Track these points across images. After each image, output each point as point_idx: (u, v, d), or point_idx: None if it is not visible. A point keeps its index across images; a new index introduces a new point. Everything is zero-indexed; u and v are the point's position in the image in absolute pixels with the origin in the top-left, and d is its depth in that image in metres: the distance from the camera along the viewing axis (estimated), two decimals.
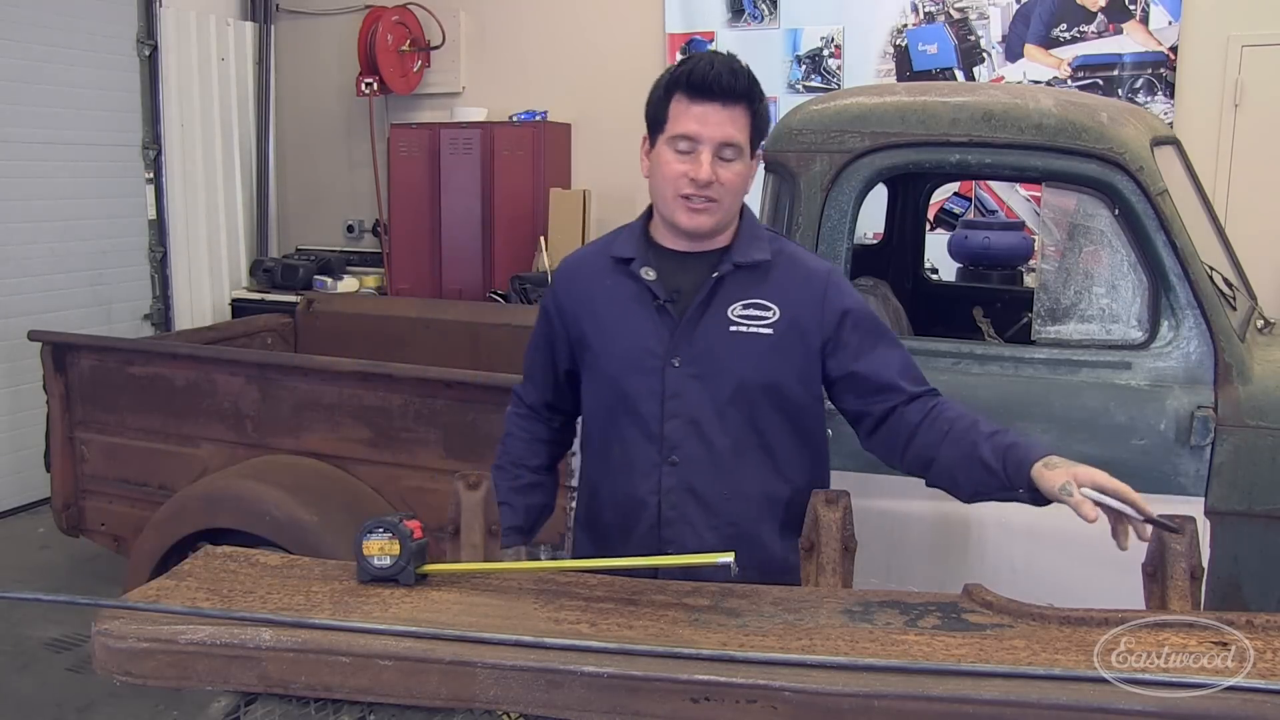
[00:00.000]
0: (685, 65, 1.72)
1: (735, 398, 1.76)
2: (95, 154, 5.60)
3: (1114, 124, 2.37)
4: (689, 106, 1.70)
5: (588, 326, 1.84)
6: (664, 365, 1.76)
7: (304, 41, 6.64)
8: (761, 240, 1.82)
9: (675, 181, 1.72)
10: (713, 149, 1.69)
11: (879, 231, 3.93)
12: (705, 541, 1.77)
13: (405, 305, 4.75)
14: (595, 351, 1.83)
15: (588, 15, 5.91)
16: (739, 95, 1.69)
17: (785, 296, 1.78)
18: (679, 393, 1.76)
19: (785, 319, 1.77)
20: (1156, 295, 2.34)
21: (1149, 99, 4.86)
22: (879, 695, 1.26)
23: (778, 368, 1.78)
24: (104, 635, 1.43)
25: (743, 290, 1.77)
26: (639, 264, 1.80)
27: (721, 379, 1.76)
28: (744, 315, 1.76)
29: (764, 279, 1.79)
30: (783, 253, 1.83)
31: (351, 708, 1.39)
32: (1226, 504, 2.26)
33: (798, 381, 1.80)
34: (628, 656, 1.33)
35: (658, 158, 1.76)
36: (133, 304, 5.88)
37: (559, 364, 1.93)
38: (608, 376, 1.82)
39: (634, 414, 1.79)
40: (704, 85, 1.68)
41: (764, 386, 1.77)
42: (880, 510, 2.40)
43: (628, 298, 1.80)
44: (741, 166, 1.73)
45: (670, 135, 1.73)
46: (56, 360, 3.53)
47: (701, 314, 1.77)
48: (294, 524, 2.92)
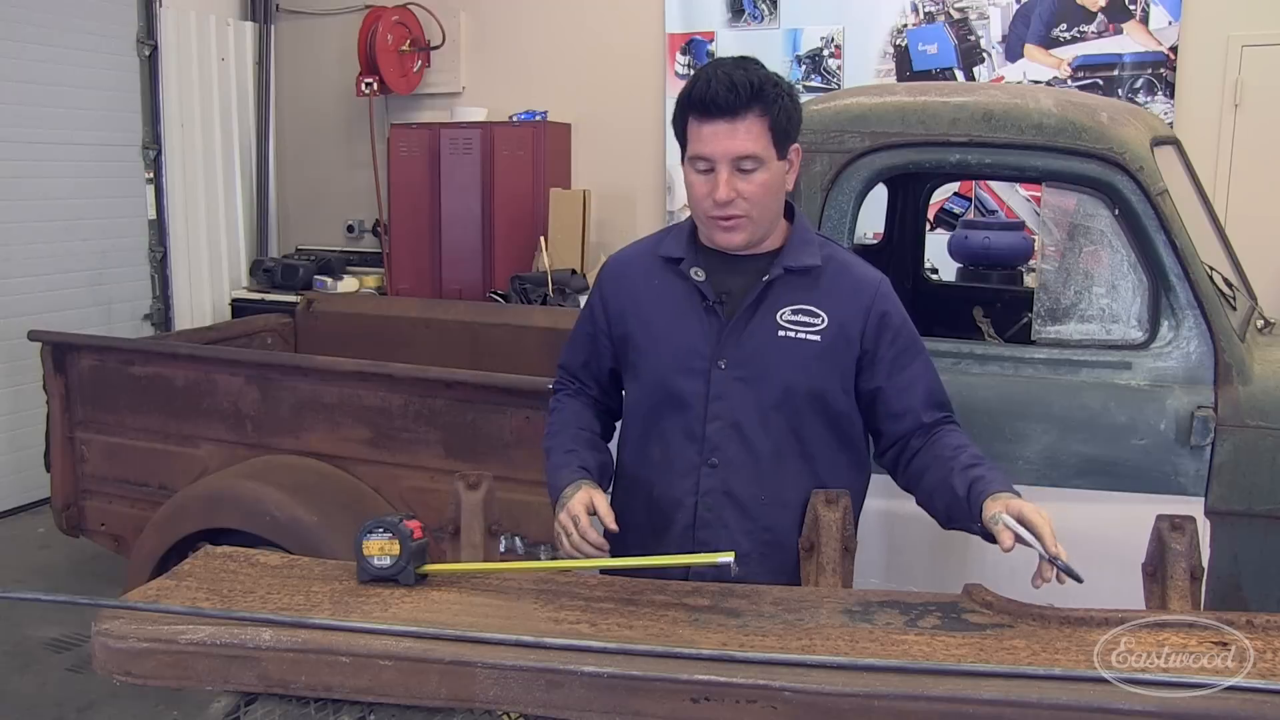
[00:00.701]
0: (690, 85, 1.72)
1: (780, 403, 1.76)
2: (95, 154, 5.60)
3: (1114, 124, 2.37)
4: (700, 127, 1.71)
5: (633, 325, 1.84)
6: (710, 367, 1.76)
7: (304, 41, 6.64)
8: (812, 245, 1.81)
9: (701, 202, 1.74)
10: (728, 166, 1.69)
11: (879, 231, 3.93)
12: (740, 546, 1.75)
13: (405, 305, 4.75)
14: (641, 350, 1.83)
15: (588, 15, 5.91)
16: (743, 105, 1.67)
17: (834, 304, 1.78)
18: (723, 395, 1.76)
19: (834, 327, 1.77)
20: (1156, 295, 2.34)
21: (1149, 99, 4.86)
22: (879, 695, 1.26)
23: (824, 375, 1.78)
24: (104, 635, 1.43)
25: (792, 295, 1.77)
26: (688, 264, 1.80)
27: (767, 383, 1.76)
28: (792, 321, 1.76)
29: (814, 285, 1.78)
30: (833, 259, 1.83)
31: (351, 708, 1.39)
32: (1226, 504, 2.26)
33: (842, 390, 1.80)
34: (628, 656, 1.33)
35: (687, 177, 1.77)
36: (133, 304, 5.88)
37: (603, 362, 1.92)
38: (653, 375, 1.81)
39: (677, 414, 1.79)
40: (704, 105, 1.68)
41: (809, 393, 1.77)
42: (880, 510, 2.40)
43: (676, 298, 1.80)
44: (765, 175, 1.72)
45: (689, 157, 1.74)
46: (56, 360, 3.53)
47: (750, 317, 1.76)
48: (294, 524, 2.92)
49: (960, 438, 1.81)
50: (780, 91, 1.72)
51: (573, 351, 1.97)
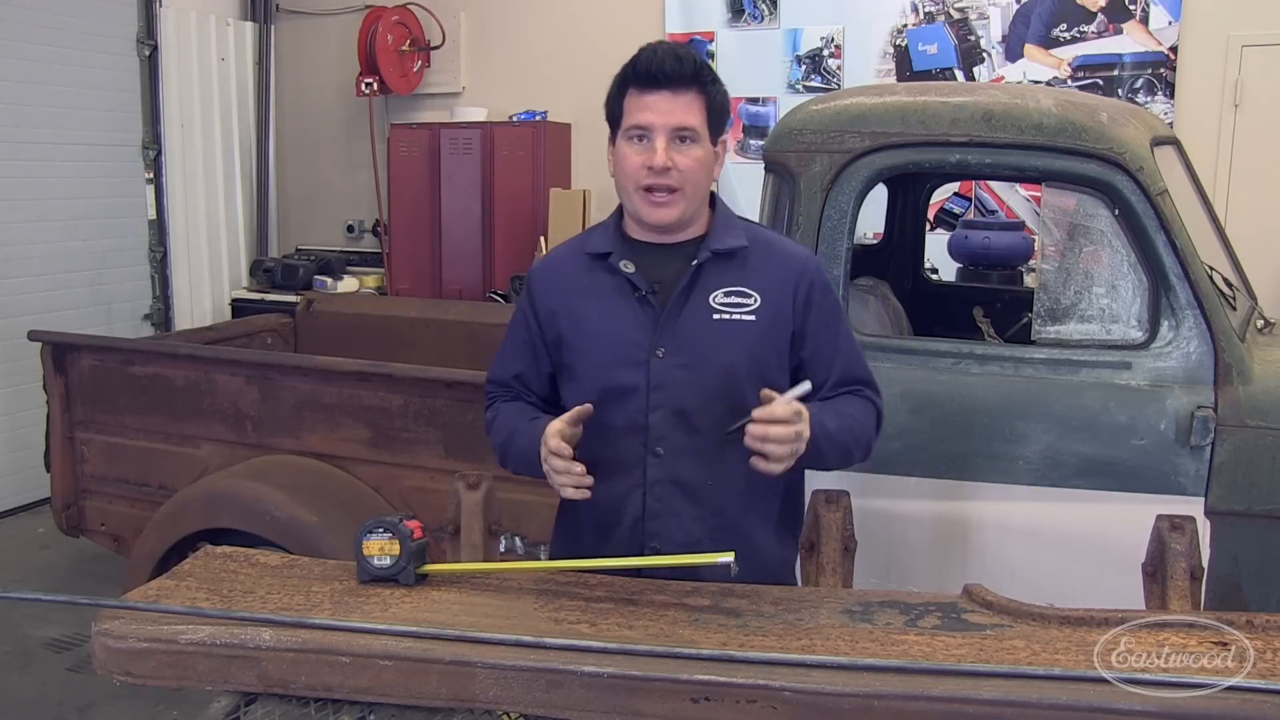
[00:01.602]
0: (632, 60, 1.74)
1: (722, 386, 1.76)
2: (95, 154, 5.60)
3: (1114, 124, 2.37)
4: (640, 97, 1.72)
5: (565, 325, 1.83)
6: (649, 357, 1.76)
7: (304, 41, 6.64)
8: (736, 228, 1.83)
9: (635, 174, 1.73)
10: (666, 135, 1.71)
11: (879, 231, 3.93)
12: (691, 534, 1.76)
13: (405, 305, 4.75)
14: (576, 349, 1.83)
15: (588, 15, 5.91)
16: (687, 80, 1.71)
17: (765, 283, 1.79)
18: (664, 383, 1.75)
19: (767, 305, 1.78)
20: (1156, 295, 2.34)
21: (1149, 99, 4.86)
22: (879, 695, 1.26)
23: (763, 354, 1.79)
24: (104, 635, 1.43)
25: (722, 278, 1.78)
26: (617, 257, 1.80)
27: (708, 368, 1.76)
28: (726, 303, 1.77)
29: (743, 266, 1.79)
30: (759, 239, 1.84)
31: (351, 708, 1.39)
32: (1226, 504, 2.26)
33: (780, 368, 1.81)
34: (628, 656, 1.33)
35: (617, 153, 1.77)
36: (133, 304, 5.88)
37: (541, 368, 1.91)
38: (591, 371, 1.80)
39: (619, 407, 1.78)
40: (650, 75, 1.71)
41: (750, 373, 1.77)
42: (880, 510, 2.40)
43: (608, 292, 1.80)
44: (700, 152, 1.74)
45: (626, 128, 1.75)
46: (56, 360, 3.53)
47: (684, 303, 1.77)
48: (294, 524, 2.92)
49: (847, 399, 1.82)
50: (716, 77, 1.77)
51: (504, 364, 1.94)
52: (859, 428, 1.80)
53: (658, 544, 1.77)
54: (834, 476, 2.42)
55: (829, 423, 1.73)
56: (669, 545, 1.76)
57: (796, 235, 2.50)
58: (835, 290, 1.88)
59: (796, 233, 2.50)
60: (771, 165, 2.63)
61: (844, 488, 1.98)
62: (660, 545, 1.77)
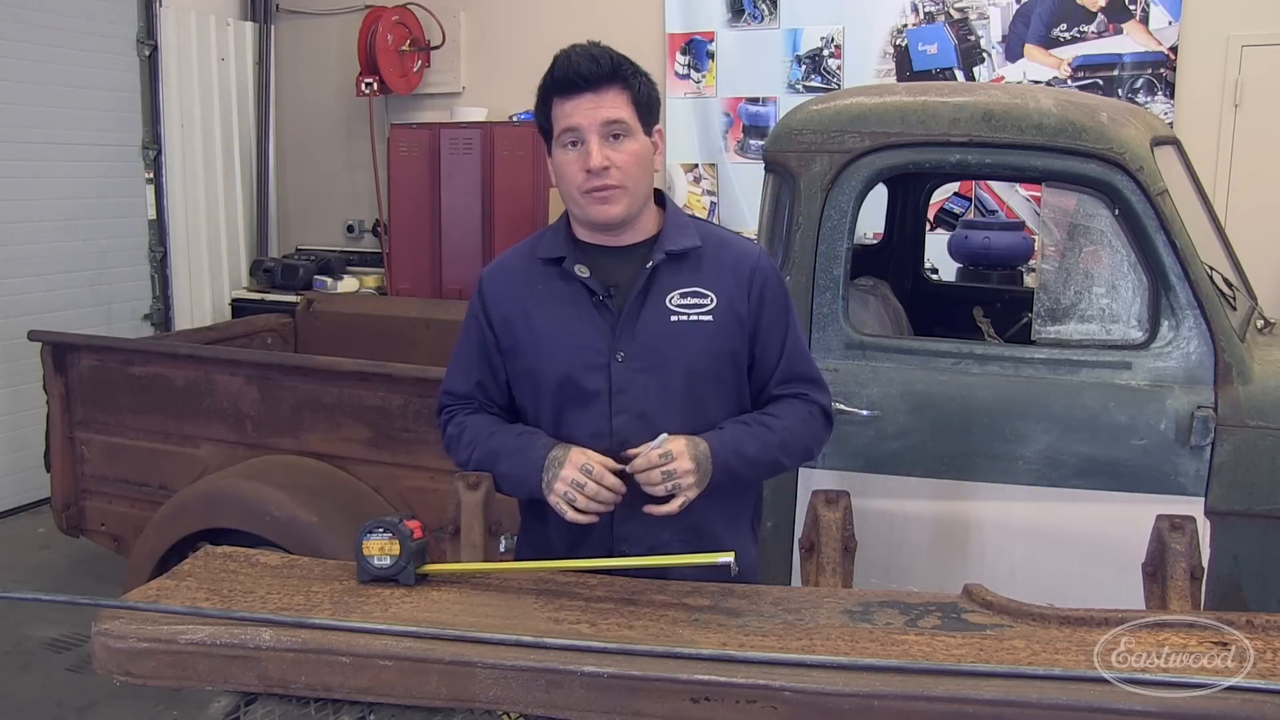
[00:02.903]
0: (549, 70, 1.75)
1: (683, 387, 1.76)
2: (95, 154, 5.60)
3: (1114, 124, 2.37)
4: (564, 103, 1.73)
5: (521, 333, 1.82)
6: (609, 361, 1.76)
7: (304, 41, 6.64)
8: (688, 228, 1.83)
9: (575, 179, 1.74)
10: (598, 134, 1.71)
11: (879, 231, 3.93)
12: (659, 536, 1.77)
13: (405, 305, 4.75)
14: (533, 356, 1.81)
15: (588, 15, 5.91)
16: (606, 78, 1.71)
17: (720, 282, 1.79)
18: (626, 387, 1.75)
19: (723, 304, 1.78)
20: (1156, 295, 2.34)
21: (1149, 99, 4.86)
22: (879, 695, 1.26)
23: (722, 354, 1.79)
24: (104, 635, 1.43)
25: (677, 279, 1.78)
26: (570, 262, 1.79)
27: (668, 370, 1.76)
28: (683, 304, 1.77)
29: (697, 266, 1.80)
30: (710, 238, 1.84)
31: (351, 708, 1.39)
32: (1226, 504, 2.26)
33: (738, 366, 1.82)
34: (628, 656, 1.33)
35: (555, 162, 1.78)
36: (133, 304, 5.88)
37: (499, 375, 1.89)
38: (552, 378, 1.79)
39: (581, 412, 1.77)
40: (568, 80, 1.71)
41: (710, 374, 1.78)
42: (880, 510, 2.40)
43: (564, 298, 1.80)
44: (635, 145, 1.74)
45: (557, 135, 1.75)
46: (56, 360, 3.53)
47: (641, 306, 1.77)
48: (294, 524, 2.92)
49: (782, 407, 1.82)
50: (637, 69, 1.77)
51: (461, 374, 1.92)
52: (792, 438, 1.80)
53: (626, 547, 1.77)
54: (834, 476, 2.43)
55: (748, 447, 1.74)
56: (637, 548, 1.76)
57: (796, 235, 2.50)
58: (787, 287, 1.89)
59: (797, 233, 2.50)
60: (771, 165, 2.63)
61: (844, 488, 1.98)
62: (629, 548, 1.77)
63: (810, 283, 2.49)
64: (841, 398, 2.42)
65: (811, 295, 2.49)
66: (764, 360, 1.83)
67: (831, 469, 2.45)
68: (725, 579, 1.63)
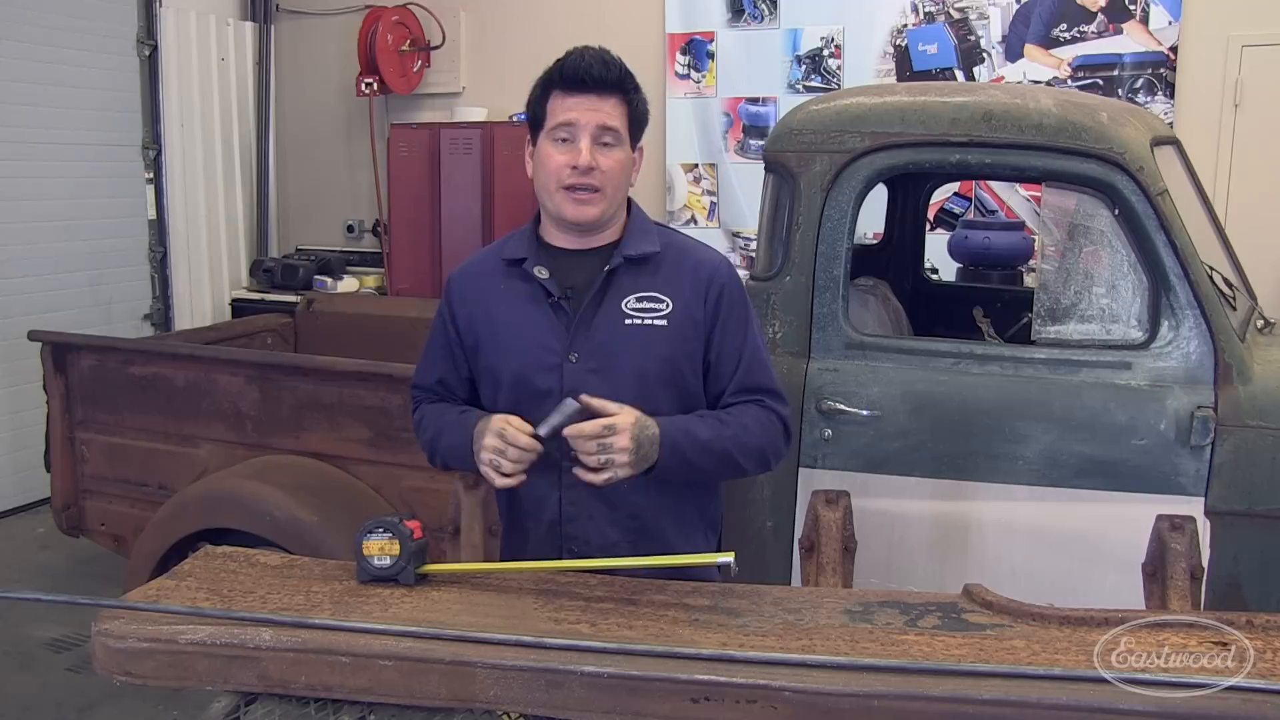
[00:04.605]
0: (559, 62, 1.77)
1: (634, 391, 1.76)
2: (95, 154, 5.60)
3: (1114, 124, 2.37)
4: (566, 99, 1.75)
5: (483, 331, 1.85)
6: (562, 361, 1.78)
7: (304, 41, 6.64)
8: (650, 233, 1.84)
9: (558, 173, 1.75)
10: (591, 135, 1.74)
11: (879, 231, 3.93)
12: (608, 537, 1.78)
13: (405, 305, 4.75)
14: (493, 354, 1.84)
15: (588, 15, 5.90)
16: (612, 85, 1.75)
17: (677, 288, 1.80)
18: (577, 387, 1.75)
19: (679, 310, 1.79)
20: (1156, 295, 2.34)
21: (1149, 99, 4.86)
22: (879, 695, 1.26)
23: (674, 359, 1.79)
24: (104, 635, 1.43)
25: (635, 283, 1.80)
26: (531, 263, 1.82)
27: (620, 373, 1.77)
28: (638, 308, 1.78)
29: (655, 272, 1.81)
30: (672, 245, 1.85)
31: (351, 708, 1.39)
32: (1226, 504, 2.26)
33: (692, 372, 1.82)
34: (628, 656, 1.33)
35: (540, 154, 1.79)
36: (133, 304, 5.88)
37: (461, 372, 1.92)
38: (508, 376, 1.82)
39: (535, 411, 1.77)
40: (577, 77, 1.74)
41: (661, 378, 1.79)
42: (880, 510, 2.40)
43: (523, 298, 1.82)
44: (622, 154, 1.77)
45: (549, 128, 1.77)
46: (56, 360, 3.53)
47: (596, 308, 1.78)
48: (294, 524, 2.91)
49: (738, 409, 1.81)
50: (639, 88, 1.81)
51: (427, 369, 1.96)
52: (749, 438, 1.79)
53: (575, 546, 1.79)
54: (834, 477, 2.43)
55: (701, 432, 1.74)
56: (586, 549, 1.78)
57: (796, 235, 2.50)
58: (748, 298, 1.89)
59: (796, 233, 2.50)
60: (771, 165, 2.63)
61: (844, 488, 1.98)
62: (578, 549, 1.79)
63: (810, 283, 2.49)
64: (841, 398, 2.42)
65: (811, 295, 2.49)
66: (720, 368, 1.83)
67: (831, 469, 2.45)
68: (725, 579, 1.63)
